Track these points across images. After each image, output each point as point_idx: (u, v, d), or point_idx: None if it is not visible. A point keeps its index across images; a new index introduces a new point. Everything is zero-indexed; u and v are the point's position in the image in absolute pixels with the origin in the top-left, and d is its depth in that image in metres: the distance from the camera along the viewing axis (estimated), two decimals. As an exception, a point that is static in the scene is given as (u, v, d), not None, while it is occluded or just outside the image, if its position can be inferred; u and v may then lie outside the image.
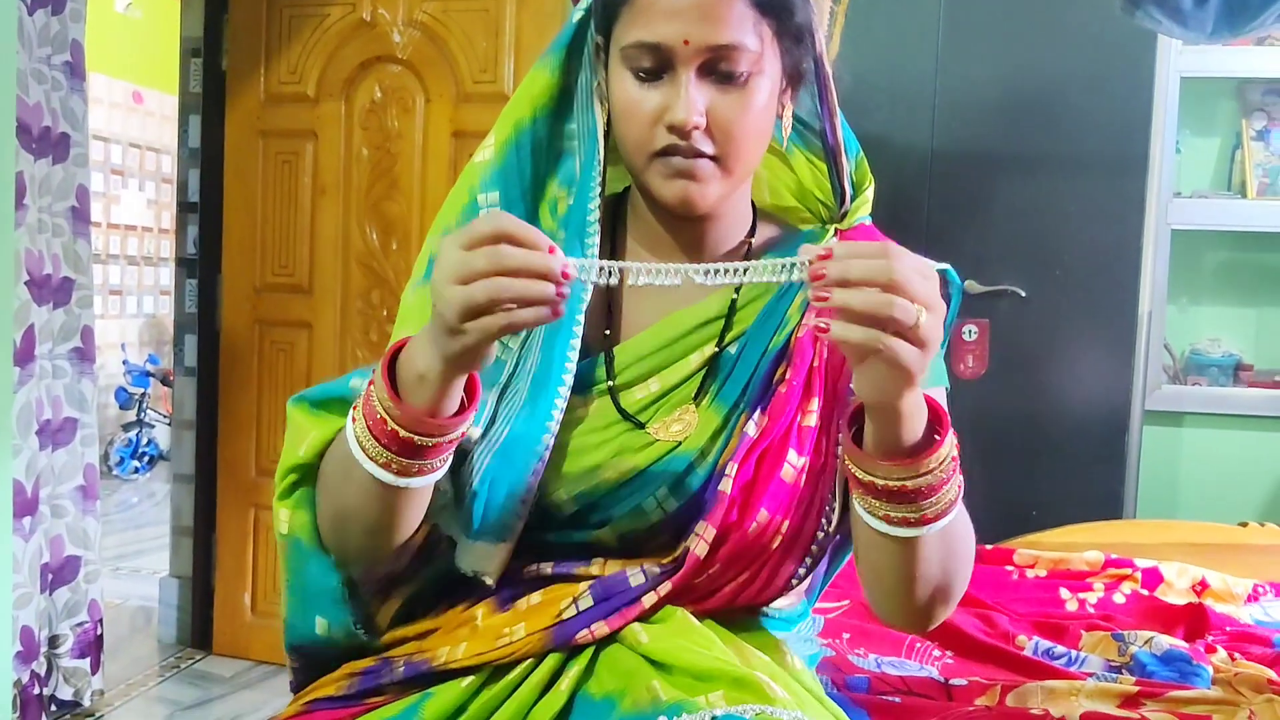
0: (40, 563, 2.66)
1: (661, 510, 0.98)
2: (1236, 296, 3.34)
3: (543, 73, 1.07)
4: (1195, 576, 1.73)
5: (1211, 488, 3.15)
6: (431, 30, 3.00)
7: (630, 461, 0.98)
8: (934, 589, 0.91)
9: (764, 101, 0.96)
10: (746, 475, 0.96)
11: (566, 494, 0.98)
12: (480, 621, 0.98)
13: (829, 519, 0.98)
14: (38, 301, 2.64)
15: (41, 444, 2.67)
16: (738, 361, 1.00)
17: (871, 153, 1.11)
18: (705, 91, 0.93)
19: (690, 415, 0.99)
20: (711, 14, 0.91)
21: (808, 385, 0.99)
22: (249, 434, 3.22)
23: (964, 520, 0.92)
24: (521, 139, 1.06)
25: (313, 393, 1.03)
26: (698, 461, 0.98)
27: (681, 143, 0.94)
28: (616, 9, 0.97)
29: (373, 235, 3.08)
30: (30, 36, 2.58)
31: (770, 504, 0.95)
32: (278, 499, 1.03)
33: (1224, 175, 3.32)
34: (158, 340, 6.28)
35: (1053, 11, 2.78)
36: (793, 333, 1.01)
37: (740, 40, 0.92)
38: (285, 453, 1.02)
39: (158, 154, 6.14)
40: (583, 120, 1.05)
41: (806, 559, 0.99)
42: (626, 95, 0.96)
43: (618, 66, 0.97)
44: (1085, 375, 2.82)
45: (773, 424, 0.97)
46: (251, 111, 3.17)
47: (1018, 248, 2.85)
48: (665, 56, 0.93)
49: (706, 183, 0.95)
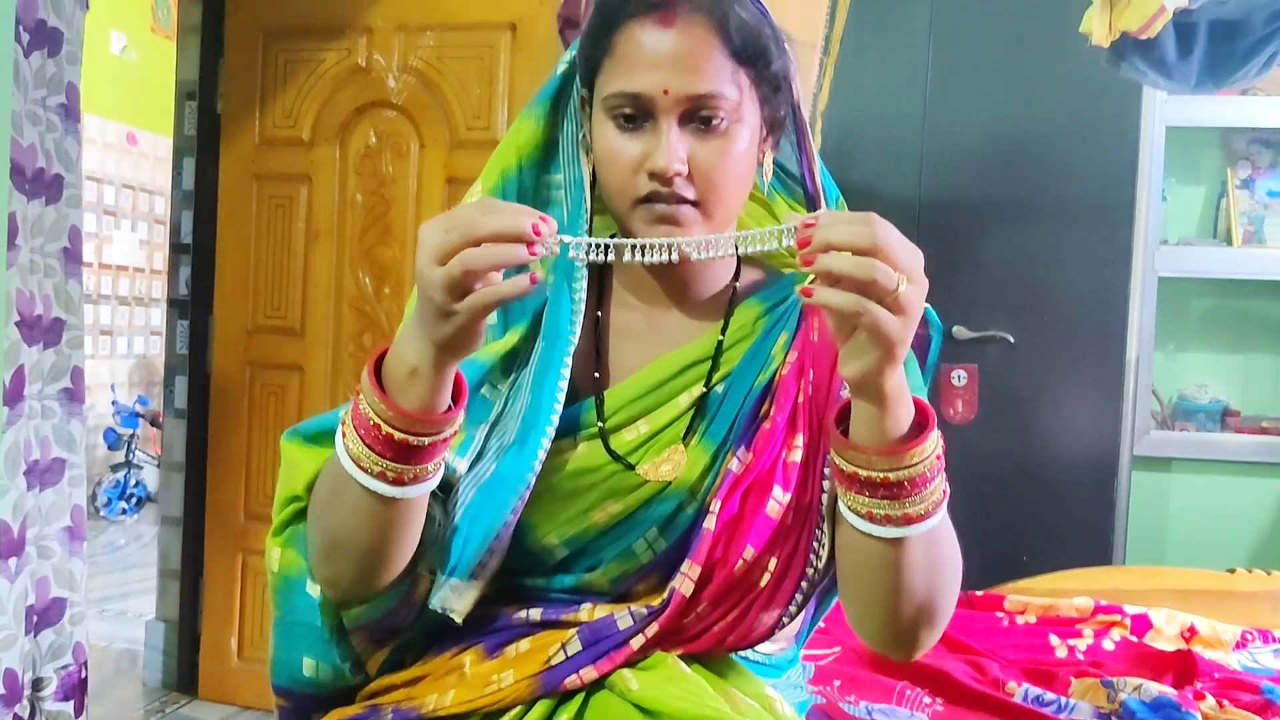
0: (25, 604, 2.63)
1: (651, 551, 0.98)
2: (1223, 343, 3.36)
3: (528, 123, 1.09)
4: (1184, 623, 1.73)
5: (1200, 533, 3.16)
6: (426, 77, 3.03)
7: (621, 503, 0.98)
8: (918, 606, 0.91)
9: (744, 148, 0.98)
10: (731, 511, 0.96)
11: (558, 538, 0.99)
12: (468, 669, 0.98)
13: (818, 555, 0.98)
14: (28, 342, 2.64)
15: (29, 484, 2.65)
16: (724, 400, 1.01)
17: (860, 201, 1.12)
18: (686, 139, 0.95)
19: (679, 455, 1.00)
20: (690, 64, 0.94)
21: (792, 421, 1.00)
22: (238, 477, 3.20)
23: (949, 535, 0.92)
24: (508, 186, 1.08)
25: (306, 426, 1.03)
26: (687, 501, 0.99)
27: (664, 189, 0.95)
28: (598, 60, 0.99)
29: (365, 280, 3.09)
30: (26, 78, 2.59)
31: (756, 540, 0.96)
32: (271, 535, 1.03)
33: (1210, 223, 3.36)
34: (147, 381, 6.26)
35: (1039, 63, 2.82)
36: (777, 371, 1.02)
37: (719, 89, 0.95)
38: (280, 487, 1.02)
39: (150, 195, 6.16)
40: (569, 171, 1.07)
41: (796, 597, 0.99)
42: (609, 143, 0.98)
43: (600, 116, 0.99)
44: (1074, 420, 2.83)
45: (757, 460, 0.98)
46: (246, 155, 3.19)
47: (1006, 294, 2.87)
48: (646, 106, 0.95)
49: (689, 228, 0.97)
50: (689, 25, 0.95)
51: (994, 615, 1.78)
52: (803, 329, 1.03)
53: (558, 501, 0.99)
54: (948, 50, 2.88)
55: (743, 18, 0.96)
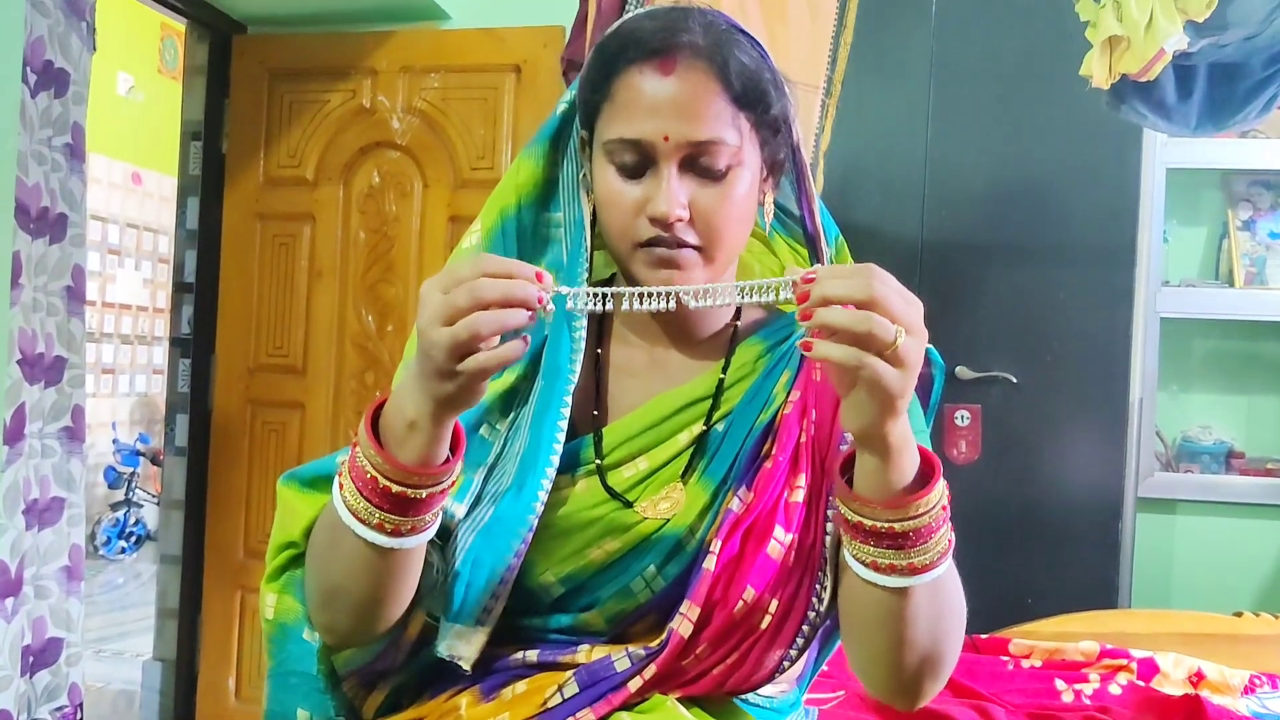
0: (21, 644, 2.62)
1: (649, 590, 0.97)
2: (1227, 384, 3.35)
3: (528, 162, 1.09)
4: (1191, 667, 1.71)
5: (1206, 576, 3.13)
6: (430, 117, 3.05)
7: (618, 541, 0.98)
8: (922, 655, 0.89)
9: (744, 192, 0.98)
10: (732, 551, 0.95)
11: (554, 576, 0.98)
12: (464, 711, 0.96)
13: (820, 597, 0.97)
14: (29, 380, 2.63)
15: (28, 523, 2.64)
16: (724, 439, 1.01)
17: (863, 242, 1.13)
18: (687, 184, 0.95)
19: (678, 493, 0.99)
20: (691, 111, 0.94)
21: (794, 461, 0.99)
22: (238, 515, 3.20)
23: (954, 584, 0.91)
24: (507, 226, 1.08)
25: (303, 471, 1.03)
26: (685, 539, 0.98)
27: (665, 234, 0.95)
28: (598, 105, 0.99)
29: (368, 318, 3.10)
30: (32, 118, 2.61)
31: (757, 581, 0.94)
32: (266, 581, 1.02)
33: (1211, 264, 3.36)
34: (149, 419, 6.26)
35: (1040, 105, 2.84)
36: (779, 410, 1.01)
37: (720, 135, 0.95)
38: (275, 532, 1.01)
39: (155, 234, 6.19)
40: (569, 210, 1.07)
41: (797, 640, 0.97)
42: (610, 188, 0.98)
43: (601, 159, 0.99)
44: (1078, 461, 2.82)
45: (758, 500, 0.97)
46: (250, 194, 3.21)
47: (1008, 335, 2.86)
48: (647, 152, 0.95)
49: (690, 271, 0.97)
50: (689, 71, 0.95)
51: (999, 659, 1.76)
52: (805, 368, 1.03)
53: (555, 539, 0.98)
54: (949, 92, 2.89)
55: (743, 62, 0.96)
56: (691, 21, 0.97)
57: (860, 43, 2.03)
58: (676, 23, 0.97)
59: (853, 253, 1.16)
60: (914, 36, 2.90)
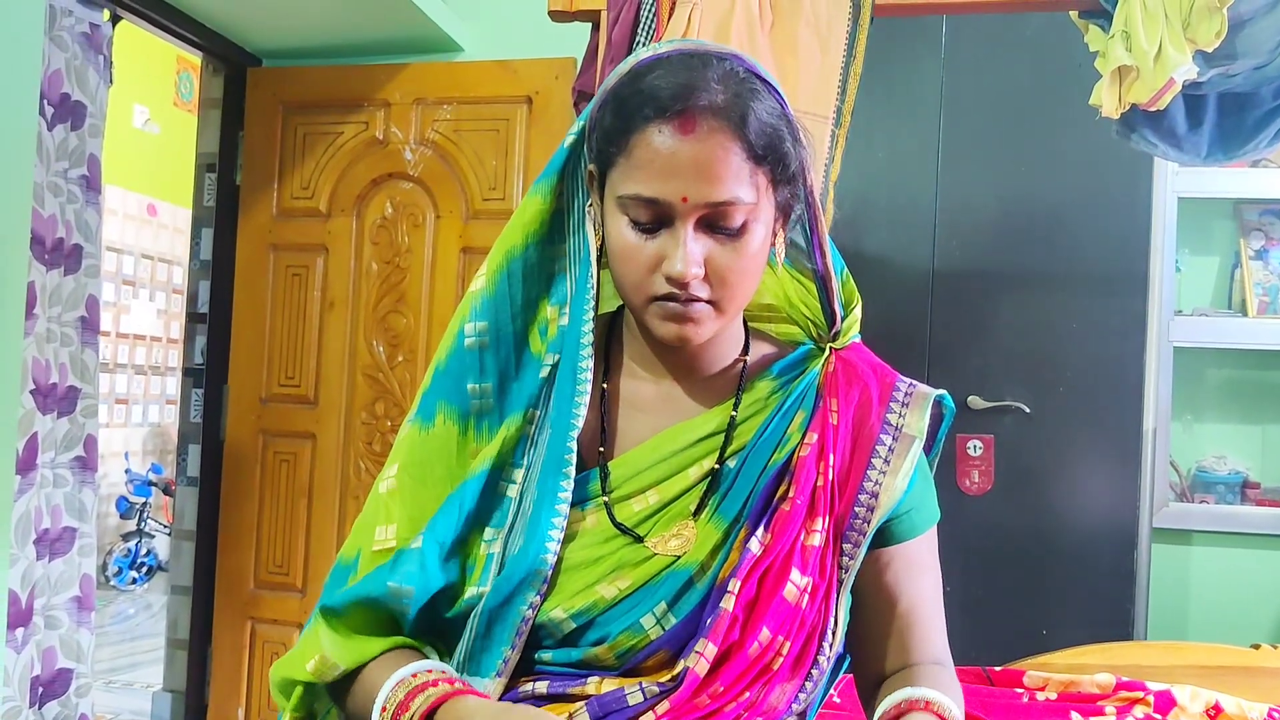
0: (31, 675, 2.61)
1: (660, 627, 0.96)
2: (1241, 414, 3.33)
3: (534, 199, 1.08)
4: (1209, 700, 1.68)
5: (1222, 607, 3.10)
6: (442, 149, 3.07)
7: (629, 577, 0.97)
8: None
9: (759, 245, 0.98)
10: (749, 593, 0.95)
11: (565, 611, 0.97)
12: (473, 743, 0.96)
13: (833, 635, 0.97)
14: (42, 410, 2.65)
15: (39, 553, 2.65)
16: (738, 476, 1.00)
17: (874, 272, 1.13)
18: (703, 242, 0.95)
19: (689, 530, 0.99)
20: (709, 172, 0.93)
21: (812, 504, 0.98)
22: (249, 545, 3.20)
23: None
24: (513, 266, 1.07)
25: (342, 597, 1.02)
26: (697, 577, 0.97)
27: (680, 292, 0.95)
28: (613, 157, 0.98)
29: (379, 348, 3.11)
30: (49, 151, 2.64)
31: (772, 623, 0.94)
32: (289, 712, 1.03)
33: (1224, 293, 3.35)
34: (161, 449, 6.27)
35: (1050, 134, 2.84)
36: (794, 451, 1.01)
37: (737, 195, 0.94)
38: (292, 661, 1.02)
39: (169, 265, 6.23)
40: (574, 242, 1.07)
41: (807, 683, 0.97)
42: (624, 241, 0.97)
43: (614, 210, 0.98)
44: (1092, 492, 2.80)
45: (776, 542, 0.96)
46: (263, 225, 3.23)
47: (1021, 364, 2.86)
48: (664, 211, 0.95)
49: (702, 323, 0.97)
50: (709, 132, 0.93)
51: (1014, 692, 1.74)
52: (821, 410, 1.03)
53: (565, 574, 0.98)
54: (960, 121, 2.90)
55: (762, 119, 0.95)
56: (710, 75, 0.95)
57: (870, 74, 2.04)
58: (696, 80, 0.94)
59: (864, 282, 1.15)
60: (924, 67, 2.92)
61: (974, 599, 0.83)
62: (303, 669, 1.00)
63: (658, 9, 1.97)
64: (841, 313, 1.08)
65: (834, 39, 2.01)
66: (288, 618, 3.14)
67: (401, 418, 2.45)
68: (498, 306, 1.07)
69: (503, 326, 1.07)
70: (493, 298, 1.07)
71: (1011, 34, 2.87)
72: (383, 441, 3.09)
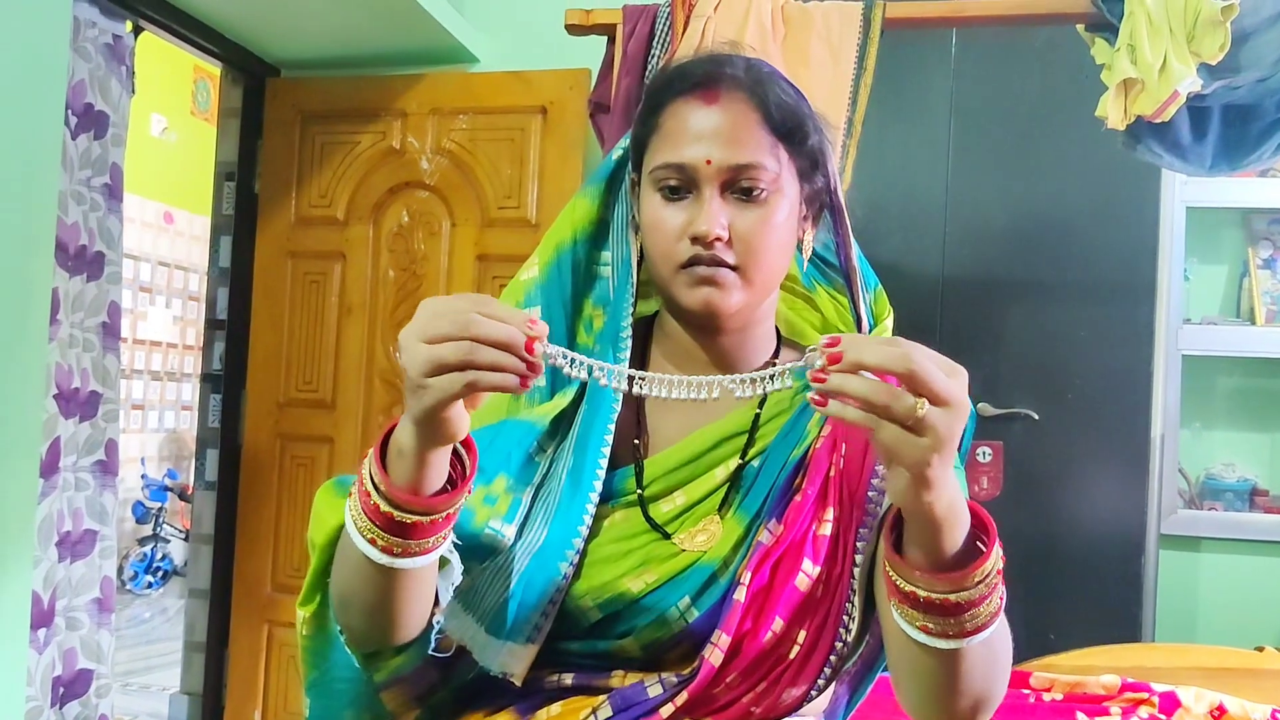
0: (52, 675, 2.65)
1: (684, 620, 0.99)
2: (1250, 422, 3.35)
3: (584, 200, 1.15)
4: (1213, 701, 1.71)
5: (1230, 613, 3.12)
6: (458, 158, 3.11)
7: (656, 571, 1.01)
8: (975, 699, 0.89)
9: (782, 219, 1.02)
10: (761, 582, 0.98)
11: (593, 601, 1.01)
12: (501, 730, 0.99)
13: (847, 628, 0.99)
14: (64, 414, 2.69)
15: (60, 555, 2.69)
16: (760, 474, 1.04)
17: (885, 279, 1.16)
18: (727, 207, 1.01)
19: (715, 526, 1.03)
20: (732, 137, 1.00)
21: (823, 494, 1.02)
22: (266, 549, 3.23)
23: (1005, 633, 0.89)
24: (563, 259, 1.14)
25: (345, 478, 1.05)
26: (720, 571, 1.00)
27: (705, 253, 1.00)
28: (646, 138, 1.06)
29: (396, 353, 3.14)
30: (72, 159, 2.69)
31: (785, 611, 0.97)
32: (299, 603, 1.05)
33: (1233, 302, 3.37)
34: (177, 455, 6.32)
35: (1059, 144, 2.87)
36: (811, 445, 1.04)
37: (759, 160, 1.00)
38: (309, 534, 1.04)
39: (185, 272, 6.28)
40: (617, 250, 1.13)
41: (825, 670, 0.99)
42: (655, 212, 1.03)
43: (648, 189, 1.04)
44: (1100, 498, 2.82)
45: (787, 532, 1.00)
46: (282, 233, 3.27)
47: (1030, 372, 2.88)
48: (690, 176, 1.01)
49: (729, 291, 1.01)
50: (731, 102, 1.01)
51: (1020, 692, 1.77)
52: None
53: (594, 565, 1.01)
54: (969, 131, 2.93)
55: (781, 97, 1.03)
56: (735, 59, 1.05)
57: (881, 85, 2.07)
58: (721, 60, 1.04)
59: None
60: (934, 78, 2.95)
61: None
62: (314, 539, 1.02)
63: (673, 22, 2.01)
64: (870, 321, 1.12)
65: (845, 51, 2.05)
66: (304, 620, 3.17)
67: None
68: (549, 294, 1.13)
69: (554, 313, 1.12)
70: (544, 285, 1.13)
71: (1021, 45, 2.90)
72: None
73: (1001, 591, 0.84)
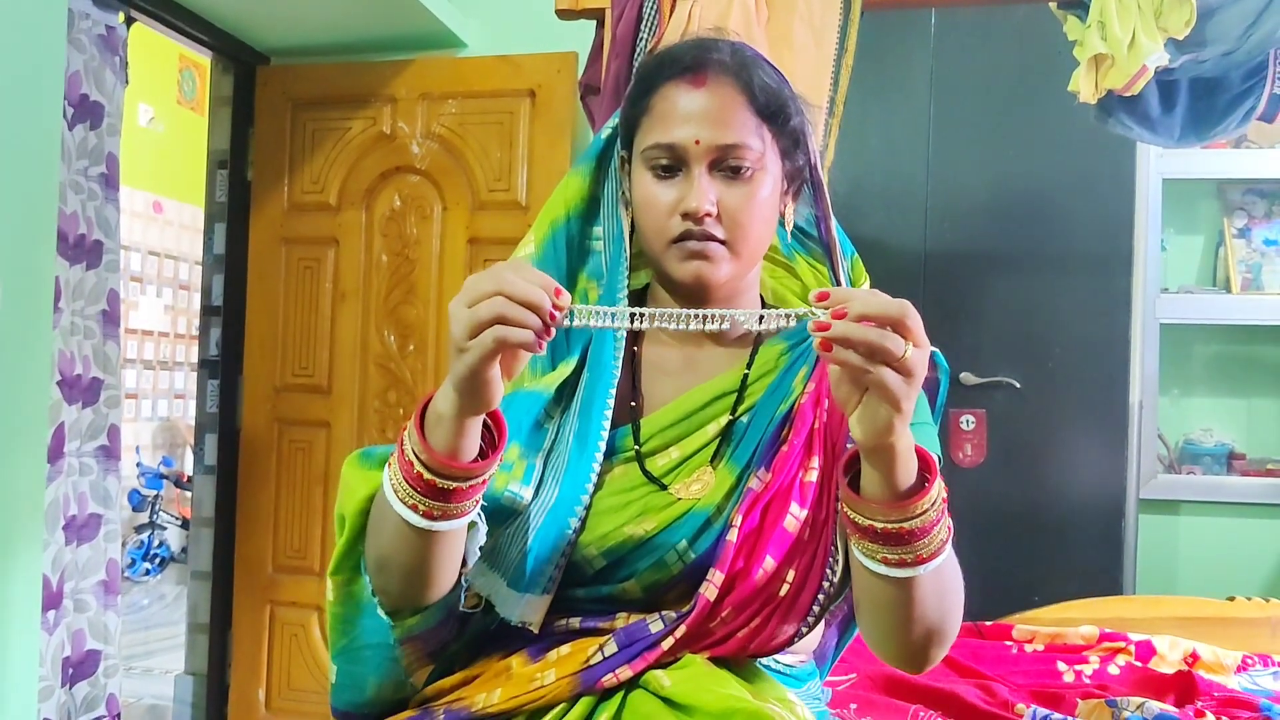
0: (62, 656, 2.71)
1: (681, 562, 1.07)
2: (1227, 388, 3.43)
3: (575, 179, 1.22)
4: (1187, 649, 1.79)
5: (1208, 575, 3.20)
6: (449, 142, 3.16)
7: (654, 519, 1.08)
8: (928, 629, 0.98)
9: (767, 194, 1.10)
10: (751, 525, 1.06)
11: (597, 549, 1.08)
12: (514, 670, 1.07)
13: (833, 570, 1.06)
14: (68, 401, 2.74)
15: (67, 539, 2.74)
16: (749, 428, 1.12)
17: (867, 254, 1.23)
18: (715, 185, 1.08)
19: (708, 476, 1.10)
20: (719, 119, 1.07)
21: (808, 445, 1.09)
22: (266, 531, 3.28)
23: (954, 566, 0.99)
24: (558, 235, 1.21)
25: (373, 450, 1.11)
26: (714, 516, 1.08)
27: (695, 228, 1.07)
28: (637, 120, 1.13)
29: (390, 338, 3.19)
30: (70, 150, 2.73)
31: (775, 551, 1.05)
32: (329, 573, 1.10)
33: (1209, 271, 3.45)
34: (171, 444, 6.35)
35: (1036, 119, 2.93)
36: (796, 400, 1.12)
37: (744, 140, 1.07)
38: (337, 509, 1.09)
39: (175, 261, 6.30)
40: (609, 225, 1.21)
41: (813, 608, 1.06)
42: (647, 190, 1.10)
43: (639, 168, 1.11)
44: (1081, 464, 2.90)
45: (775, 478, 1.07)
46: (275, 220, 3.31)
47: (1011, 342, 2.95)
48: (680, 155, 1.08)
49: (718, 263, 1.09)
50: (718, 85, 1.08)
51: (1003, 644, 1.85)
52: (821, 363, 1.13)
53: (597, 517, 1.08)
54: (949, 109, 2.99)
55: (765, 80, 1.10)
56: (721, 44, 1.12)
57: (862, 64, 2.13)
58: (708, 45, 1.12)
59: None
60: (914, 56, 3.01)
61: (966, 569, 0.89)
62: (345, 510, 1.07)
63: (659, 6, 2.06)
64: (849, 286, 1.19)
65: (826, 32, 2.10)
66: (306, 600, 3.23)
67: (413, 405, 2.53)
68: (545, 268, 1.19)
69: None
70: (540, 260, 1.20)
71: (998, 23, 2.95)
72: (395, 429, 3.17)
73: (948, 524, 0.94)
